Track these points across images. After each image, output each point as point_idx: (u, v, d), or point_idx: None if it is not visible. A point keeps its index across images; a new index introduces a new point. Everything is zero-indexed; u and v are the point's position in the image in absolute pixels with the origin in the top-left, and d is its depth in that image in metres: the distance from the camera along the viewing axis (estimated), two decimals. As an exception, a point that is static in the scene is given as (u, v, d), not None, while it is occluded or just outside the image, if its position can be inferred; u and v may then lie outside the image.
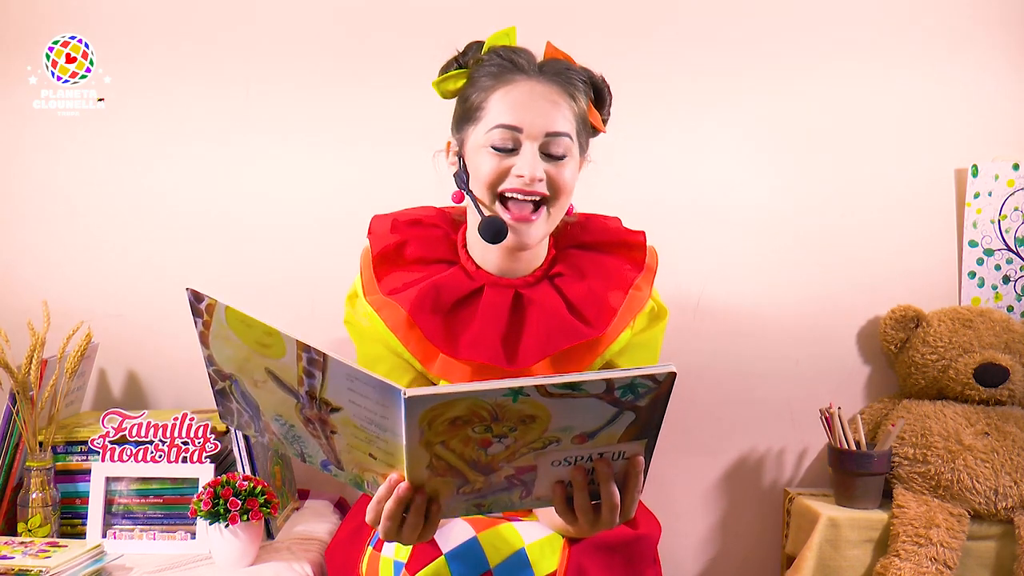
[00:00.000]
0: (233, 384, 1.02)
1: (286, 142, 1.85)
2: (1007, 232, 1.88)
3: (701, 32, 1.86)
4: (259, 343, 0.95)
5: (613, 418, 0.91)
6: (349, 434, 0.95)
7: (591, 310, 1.30)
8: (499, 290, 1.32)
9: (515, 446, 0.92)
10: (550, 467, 0.95)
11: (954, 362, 1.77)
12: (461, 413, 0.88)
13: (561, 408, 0.89)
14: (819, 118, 1.88)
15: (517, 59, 1.29)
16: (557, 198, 1.28)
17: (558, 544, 1.21)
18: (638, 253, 1.39)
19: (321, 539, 1.60)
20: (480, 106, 1.29)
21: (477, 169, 1.28)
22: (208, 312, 0.96)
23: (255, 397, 1.01)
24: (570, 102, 1.28)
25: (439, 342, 1.28)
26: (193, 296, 0.97)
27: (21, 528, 1.52)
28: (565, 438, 0.92)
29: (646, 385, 0.89)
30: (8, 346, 1.60)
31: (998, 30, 1.88)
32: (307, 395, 0.94)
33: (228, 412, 1.06)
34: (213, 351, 1.00)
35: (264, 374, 0.97)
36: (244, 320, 0.94)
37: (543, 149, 1.26)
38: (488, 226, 1.26)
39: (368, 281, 1.35)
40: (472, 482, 0.95)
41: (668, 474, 1.88)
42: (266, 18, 1.85)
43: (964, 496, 1.68)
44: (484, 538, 1.19)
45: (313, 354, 0.90)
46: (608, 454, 0.94)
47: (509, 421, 0.89)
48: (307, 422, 0.97)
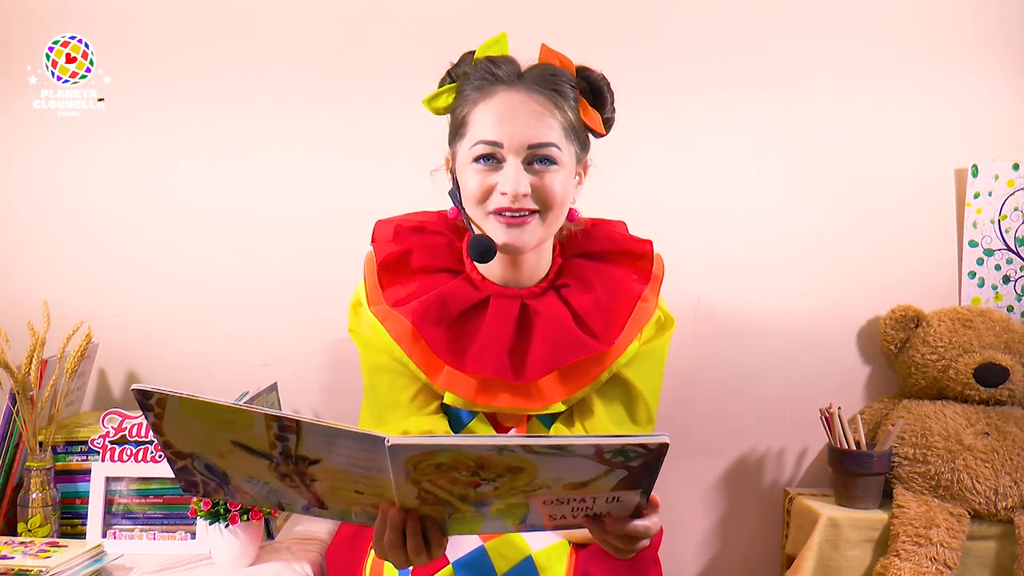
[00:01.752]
0: (195, 460, 0.96)
1: (286, 142, 1.85)
2: (1007, 232, 1.88)
3: (700, 35, 1.86)
4: (222, 421, 0.90)
5: (604, 473, 0.88)
6: (331, 478, 0.92)
7: (598, 322, 1.28)
8: (505, 301, 1.29)
9: (504, 488, 0.90)
10: (543, 504, 0.93)
11: (954, 362, 1.77)
12: (446, 460, 0.86)
13: (548, 463, 0.86)
14: (819, 118, 1.88)
15: (497, 70, 1.25)
16: (549, 208, 1.25)
17: (565, 551, 1.21)
18: (645, 263, 1.36)
19: (321, 539, 1.60)
20: (465, 121, 1.26)
21: (465, 186, 1.26)
22: (160, 405, 0.91)
23: (222, 467, 0.96)
24: (554, 110, 1.24)
25: (444, 354, 1.26)
26: (140, 395, 0.90)
27: (21, 528, 1.52)
28: (556, 485, 0.89)
29: (637, 451, 0.86)
30: (8, 346, 1.60)
31: (998, 30, 1.88)
32: (281, 455, 0.90)
33: (192, 485, 0.99)
34: (169, 437, 0.94)
35: (230, 446, 0.92)
36: (202, 406, 0.89)
37: (527, 161, 1.23)
38: (475, 245, 1.24)
39: (372, 289, 1.33)
40: (463, 511, 0.94)
41: (668, 474, 1.87)
42: (266, 18, 1.85)
43: (964, 496, 1.68)
44: (492, 547, 1.19)
45: (284, 422, 0.87)
46: (602, 498, 0.92)
47: (496, 469, 0.87)
48: (283, 477, 0.93)
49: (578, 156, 1.30)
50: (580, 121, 1.29)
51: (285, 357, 1.86)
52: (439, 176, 1.36)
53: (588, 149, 1.33)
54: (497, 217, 1.24)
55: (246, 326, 1.86)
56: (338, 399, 1.86)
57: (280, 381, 1.82)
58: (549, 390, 1.27)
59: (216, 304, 1.86)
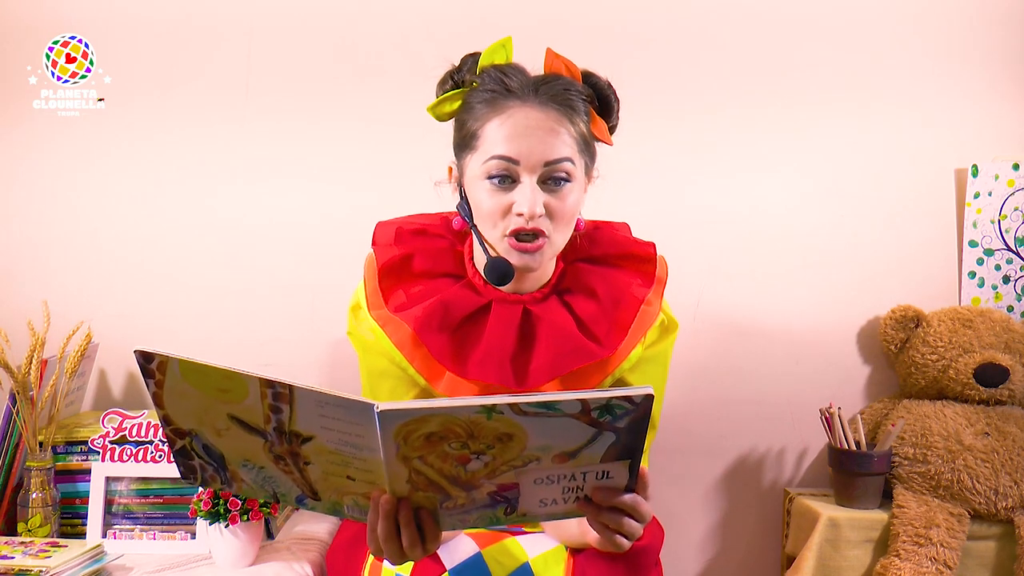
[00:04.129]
0: (194, 440, 0.98)
1: (286, 142, 1.85)
2: (1007, 232, 1.88)
3: (700, 37, 1.86)
4: (219, 389, 0.91)
5: (592, 438, 0.89)
6: (324, 461, 0.93)
7: (601, 328, 1.26)
8: (507, 307, 1.28)
9: (494, 464, 0.90)
10: (533, 485, 0.93)
11: (954, 362, 1.77)
12: (435, 429, 0.86)
13: (537, 427, 0.87)
14: (819, 119, 1.88)
15: (510, 82, 1.22)
16: (560, 226, 1.23)
17: (562, 556, 1.20)
18: (648, 266, 1.34)
19: (321, 539, 1.60)
20: (476, 134, 1.23)
21: (478, 204, 1.23)
22: (160, 370, 0.92)
23: (218, 447, 0.97)
24: (569, 126, 1.22)
25: (446, 361, 1.25)
26: (142, 357, 0.92)
27: (21, 528, 1.52)
28: (545, 457, 0.90)
29: (623, 407, 0.87)
30: (8, 346, 1.60)
31: (999, 30, 1.88)
32: (275, 431, 0.92)
33: (190, 470, 1.01)
34: (169, 410, 0.96)
35: (227, 421, 0.93)
36: (200, 369, 0.91)
37: (543, 179, 1.21)
38: (493, 268, 1.22)
39: (372, 292, 1.31)
40: (454, 497, 0.94)
41: (668, 474, 1.88)
42: (267, 17, 1.85)
43: (964, 496, 1.68)
44: (488, 553, 1.18)
45: (278, 388, 0.88)
46: (592, 473, 0.92)
47: (485, 439, 0.88)
48: (277, 459, 0.95)
49: (587, 168, 1.28)
50: (590, 133, 1.27)
51: (285, 357, 1.86)
52: (441, 189, 1.34)
53: (595, 159, 1.31)
54: (511, 240, 1.22)
55: (246, 326, 1.86)
56: (338, 399, 1.86)
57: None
58: None
59: (216, 304, 1.86)
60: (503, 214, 1.21)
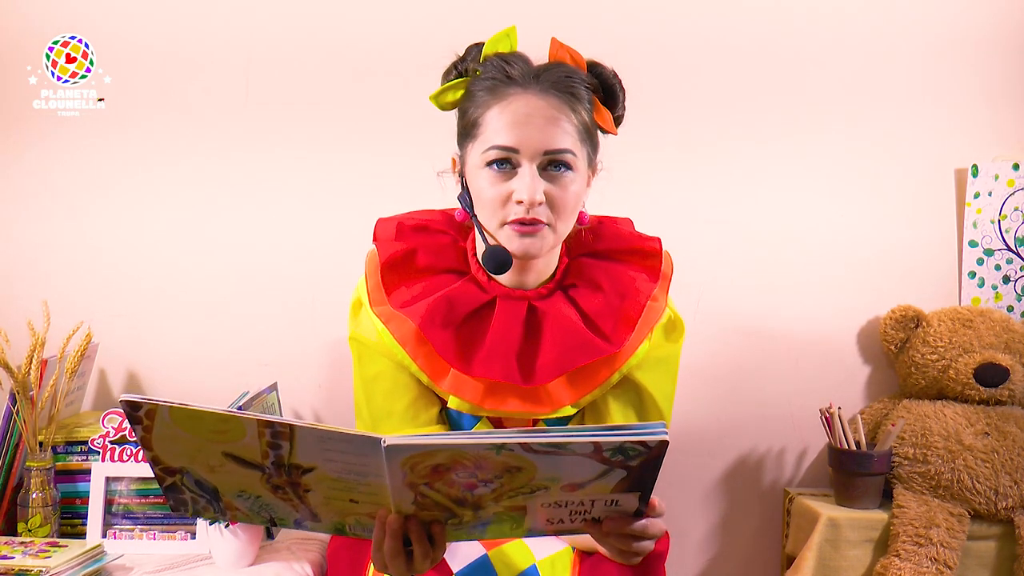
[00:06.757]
0: (185, 476, 0.94)
1: (286, 141, 1.85)
2: (1007, 232, 1.88)
3: (700, 37, 1.86)
4: (213, 431, 0.88)
5: (603, 473, 0.87)
6: (326, 488, 0.91)
7: (608, 323, 1.25)
8: (512, 302, 1.26)
9: (501, 490, 0.88)
10: (540, 507, 0.91)
11: (954, 362, 1.77)
12: (443, 461, 0.85)
13: (547, 462, 0.85)
14: (819, 118, 1.88)
15: (512, 70, 1.21)
16: (561, 216, 1.22)
17: (569, 558, 1.20)
18: (654, 261, 1.33)
19: (321, 539, 1.60)
20: (477, 123, 1.22)
21: (479, 193, 1.23)
22: (148, 417, 0.89)
23: (212, 482, 0.94)
24: (570, 114, 1.21)
25: (452, 358, 1.23)
26: (128, 406, 0.88)
27: (21, 528, 1.52)
28: (554, 487, 0.88)
29: (636, 450, 0.85)
30: (8, 346, 1.60)
31: (999, 29, 1.88)
32: (274, 465, 0.89)
33: (181, 503, 0.97)
34: (158, 452, 0.92)
35: (221, 458, 0.90)
36: (192, 415, 0.87)
37: (542, 167, 1.20)
38: (491, 257, 1.21)
39: (374, 288, 1.29)
40: (460, 515, 0.93)
41: (668, 474, 1.87)
42: (267, 17, 1.84)
43: (964, 496, 1.68)
44: (495, 556, 1.18)
45: (277, 428, 0.86)
46: (601, 501, 0.91)
47: (493, 470, 0.86)
48: (275, 489, 0.92)
49: (590, 158, 1.26)
50: (593, 122, 1.26)
51: (285, 357, 1.86)
52: (445, 178, 1.34)
53: (599, 150, 1.29)
54: (512, 227, 1.21)
55: (246, 326, 1.86)
56: (338, 399, 1.86)
57: (280, 381, 1.82)
58: (558, 394, 1.24)
59: (216, 304, 1.86)
60: (503, 202, 1.20)
